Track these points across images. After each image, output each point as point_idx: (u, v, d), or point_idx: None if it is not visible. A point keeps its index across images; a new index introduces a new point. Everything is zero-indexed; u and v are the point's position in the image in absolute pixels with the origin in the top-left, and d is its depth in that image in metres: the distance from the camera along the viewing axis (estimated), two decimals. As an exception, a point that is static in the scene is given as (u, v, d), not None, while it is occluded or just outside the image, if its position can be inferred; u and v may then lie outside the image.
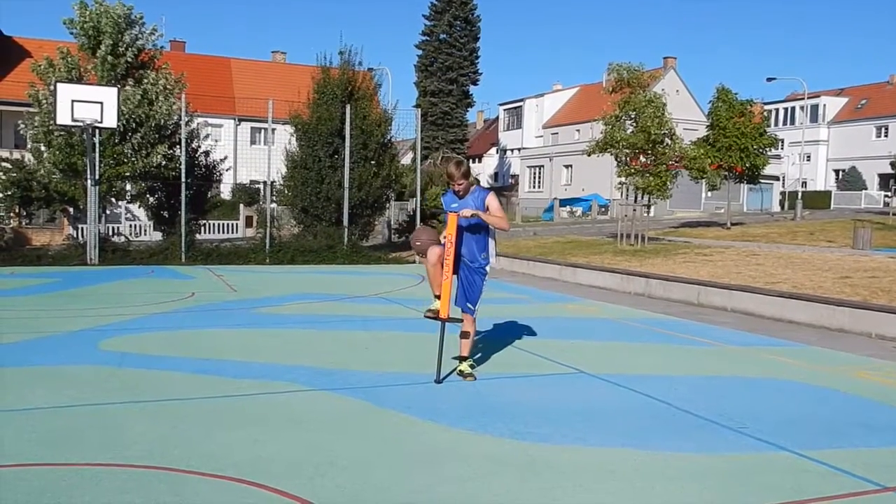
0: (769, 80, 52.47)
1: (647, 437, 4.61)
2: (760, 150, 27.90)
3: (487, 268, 6.09)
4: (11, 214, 24.21)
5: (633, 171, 19.39)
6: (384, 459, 4.12)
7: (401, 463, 4.09)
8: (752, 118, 28.00)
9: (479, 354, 7.03)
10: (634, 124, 19.26)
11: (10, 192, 22.81)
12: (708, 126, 29.24)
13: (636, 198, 19.96)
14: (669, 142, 19.16)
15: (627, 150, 19.21)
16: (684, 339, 8.32)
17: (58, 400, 5.18)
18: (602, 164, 22.58)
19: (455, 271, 5.95)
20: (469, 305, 6.04)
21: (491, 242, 6.09)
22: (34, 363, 6.38)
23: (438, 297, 5.89)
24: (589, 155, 20.59)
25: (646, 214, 20.00)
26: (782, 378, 6.48)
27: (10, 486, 3.60)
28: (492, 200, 5.98)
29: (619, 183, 21.03)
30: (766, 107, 48.87)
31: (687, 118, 42.48)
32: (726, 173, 27.57)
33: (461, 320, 6.12)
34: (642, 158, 19.39)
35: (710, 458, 4.25)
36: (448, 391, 5.69)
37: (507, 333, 8.15)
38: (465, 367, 6.12)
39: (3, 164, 22.21)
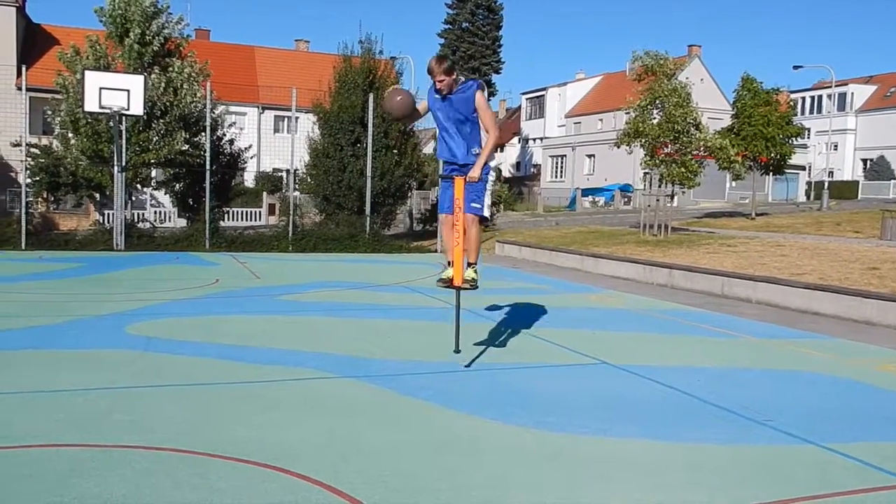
0: (795, 68, 51.84)
1: (669, 429, 4.59)
2: (786, 140, 27.52)
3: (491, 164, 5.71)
4: (40, 199, 24.58)
5: (658, 160, 19.19)
6: (406, 446, 4.14)
7: (423, 450, 4.11)
8: (777, 107, 27.62)
9: (501, 344, 7.05)
10: (660, 113, 19.06)
11: (38, 178, 23.20)
12: (733, 115, 28.89)
13: (660, 186, 19.77)
14: (696, 131, 18.94)
15: (655, 142, 19.00)
16: (708, 331, 8.26)
17: (85, 382, 5.26)
18: (625, 154, 22.33)
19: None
20: (472, 205, 5.61)
21: (481, 137, 5.60)
22: (62, 346, 6.49)
23: (451, 264, 5.78)
24: (618, 147, 20.37)
25: (669, 204, 19.80)
26: (808, 370, 6.42)
27: (39, 466, 3.66)
28: (480, 100, 5.45)
29: (644, 173, 20.83)
30: (793, 95, 48.14)
31: (712, 107, 41.99)
32: (751, 163, 27.24)
33: (476, 287, 5.89)
34: (667, 148, 19.17)
35: (733, 450, 4.22)
36: (469, 380, 5.69)
37: (528, 323, 8.14)
38: (469, 273, 5.78)
39: (32, 149, 22.52)
